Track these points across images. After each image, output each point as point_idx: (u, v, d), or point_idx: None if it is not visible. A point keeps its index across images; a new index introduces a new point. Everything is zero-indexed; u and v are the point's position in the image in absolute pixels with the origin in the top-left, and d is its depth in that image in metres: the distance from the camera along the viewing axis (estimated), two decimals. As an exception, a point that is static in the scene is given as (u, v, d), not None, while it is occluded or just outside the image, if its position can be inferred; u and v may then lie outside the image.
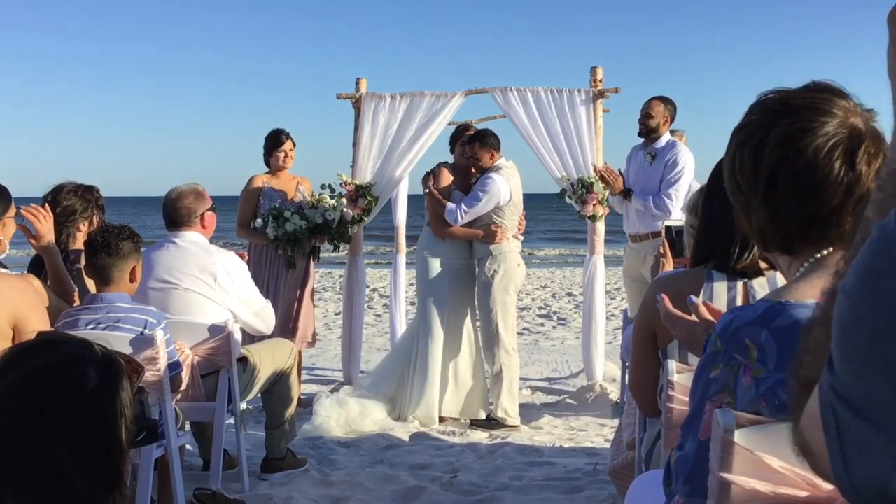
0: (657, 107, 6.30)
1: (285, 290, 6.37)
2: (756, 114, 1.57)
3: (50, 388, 1.51)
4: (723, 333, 1.58)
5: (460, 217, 5.99)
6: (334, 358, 8.04)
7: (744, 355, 1.53)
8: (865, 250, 0.82)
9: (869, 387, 0.81)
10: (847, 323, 0.83)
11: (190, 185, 4.78)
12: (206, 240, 4.67)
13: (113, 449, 1.55)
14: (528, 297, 13.89)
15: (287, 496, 4.51)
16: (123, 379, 1.58)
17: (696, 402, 1.63)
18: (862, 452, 0.84)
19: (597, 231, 6.82)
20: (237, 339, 4.46)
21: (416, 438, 5.77)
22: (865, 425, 0.82)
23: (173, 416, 3.85)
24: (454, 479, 4.86)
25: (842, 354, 0.84)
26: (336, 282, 14.60)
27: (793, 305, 1.50)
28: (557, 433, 5.97)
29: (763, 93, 1.59)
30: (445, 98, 6.83)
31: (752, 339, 1.52)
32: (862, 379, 0.82)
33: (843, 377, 0.84)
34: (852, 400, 0.83)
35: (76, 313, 3.76)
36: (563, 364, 8.35)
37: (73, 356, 1.56)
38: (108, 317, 3.71)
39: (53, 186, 4.40)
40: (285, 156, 6.48)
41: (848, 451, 0.85)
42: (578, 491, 4.64)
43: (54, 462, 1.46)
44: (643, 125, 6.34)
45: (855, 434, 0.84)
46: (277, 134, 6.49)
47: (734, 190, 1.61)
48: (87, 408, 1.52)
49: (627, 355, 4.63)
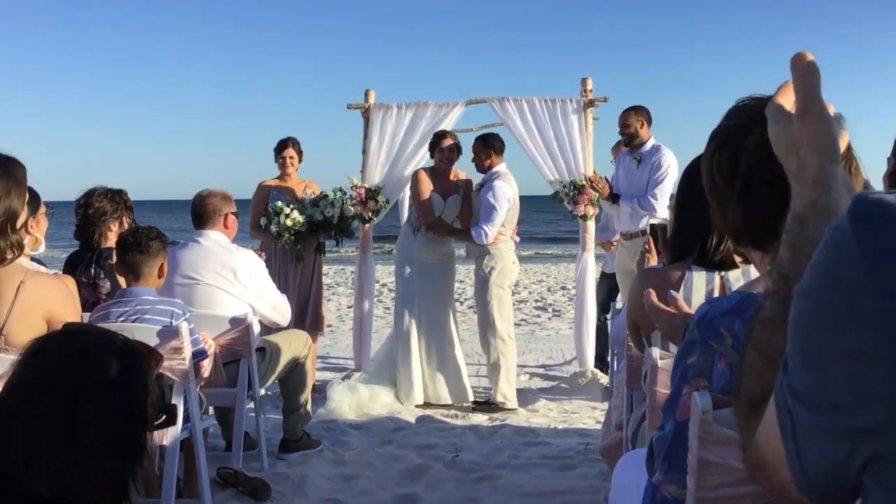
0: (630, 117, 6.38)
1: (295, 285, 6.37)
2: (734, 118, 1.56)
3: (73, 375, 1.51)
4: (700, 323, 1.58)
5: (487, 235, 5.98)
6: (346, 347, 8.04)
7: (719, 343, 1.53)
8: (818, 255, 0.83)
9: (826, 380, 0.81)
10: (805, 322, 0.83)
11: (218, 189, 4.81)
12: (228, 240, 4.68)
13: (139, 429, 1.56)
14: (526, 291, 13.89)
15: (303, 474, 4.52)
16: (144, 366, 1.58)
17: (675, 385, 1.63)
18: (817, 443, 0.84)
19: (588, 230, 6.81)
20: (256, 331, 4.46)
21: (422, 421, 5.77)
22: (820, 418, 0.82)
23: (197, 401, 3.86)
24: (457, 458, 4.86)
25: (799, 353, 0.84)
26: (348, 277, 14.60)
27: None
28: (552, 415, 5.97)
29: (741, 99, 1.58)
30: (447, 108, 6.82)
31: (726, 327, 1.52)
32: (820, 373, 0.82)
33: (798, 375, 0.84)
34: (808, 395, 0.83)
35: (108, 307, 3.78)
36: (557, 352, 8.35)
37: (95, 346, 1.56)
38: (137, 309, 3.72)
39: (86, 190, 4.42)
40: (289, 161, 6.48)
41: (801, 444, 0.86)
42: (571, 468, 4.64)
43: (87, 445, 1.46)
44: (624, 136, 6.44)
45: (808, 427, 0.84)
46: (282, 141, 6.52)
47: (711, 189, 1.60)
48: (112, 394, 1.52)
49: (617, 344, 4.63)
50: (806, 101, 0.98)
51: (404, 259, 6.31)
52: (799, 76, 0.99)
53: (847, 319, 0.78)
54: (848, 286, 0.78)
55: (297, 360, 4.85)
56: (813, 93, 0.98)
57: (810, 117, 0.98)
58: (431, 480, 4.49)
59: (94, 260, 4.23)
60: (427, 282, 6.21)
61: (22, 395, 1.50)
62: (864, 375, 0.77)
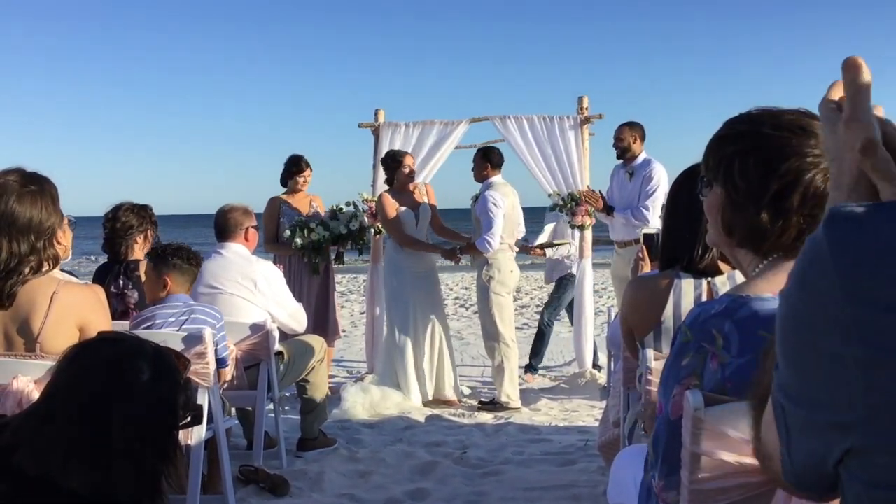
0: (624, 131, 6.39)
1: (311, 294, 6.37)
2: (768, 127, 1.50)
3: (109, 380, 1.52)
4: (692, 325, 1.57)
5: (490, 244, 5.97)
6: (359, 351, 8.04)
7: (711, 344, 1.53)
8: (799, 261, 0.83)
9: (806, 378, 0.82)
10: (786, 324, 0.85)
11: (240, 203, 4.82)
12: (249, 251, 4.69)
13: (170, 429, 1.56)
14: (527, 297, 13.88)
15: (319, 471, 4.51)
16: (174, 370, 1.59)
17: (669, 386, 1.61)
18: (801, 437, 0.85)
19: (585, 238, 6.81)
20: (275, 336, 4.47)
21: (431, 420, 5.76)
22: (803, 413, 0.83)
23: (220, 403, 3.86)
24: (464, 454, 4.85)
25: (783, 353, 0.85)
26: (360, 286, 14.61)
27: (752, 299, 1.49)
28: (553, 414, 5.95)
29: (766, 109, 1.53)
30: (452, 125, 6.84)
31: (717, 329, 1.51)
32: (799, 372, 0.83)
33: (784, 373, 0.85)
34: (792, 392, 0.85)
35: (154, 311, 3.80)
36: (557, 354, 8.33)
37: (128, 352, 1.57)
38: (186, 310, 3.77)
39: (113, 206, 4.43)
40: (304, 181, 6.45)
41: (790, 438, 0.86)
42: (572, 464, 4.63)
43: (122, 445, 1.46)
44: (617, 148, 6.44)
45: (795, 421, 0.85)
46: (299, 160, 6.41)
47: (730, 188, 1.53)
48: (144, 397, 1.53)
49: (613, 346, 4.63)
50: (854, 108, 0.90)
51: (394, 271, 6.25)
52: (849, 82, 0.90)
53: (822, 324, 0.79)
54: (821, 294, 0.79)
55: (313, 363, 4.84)
56: (860, 99, 0.90)
57: (855, 126, 0.89)
58: (440, 475, 4.48)
59: (121, 271, 4.24)
60: (418, 291, 6.19)
61: (61, 399, 1.51)
62: (839, 375, 0.78)
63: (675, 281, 2.55)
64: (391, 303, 6.30)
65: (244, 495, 4.14)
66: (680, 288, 2.53)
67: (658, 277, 2.63)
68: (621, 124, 6.46)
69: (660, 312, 2.58)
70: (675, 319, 2.53)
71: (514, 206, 6.22)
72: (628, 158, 6.40)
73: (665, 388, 1.65)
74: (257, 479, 4.22)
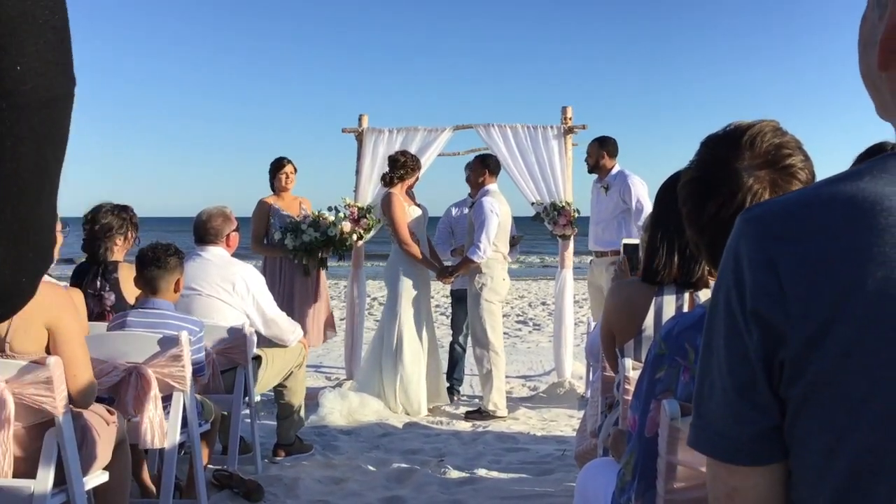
0: (591, 148, 6.56)
1: (303, 295, 6.37)
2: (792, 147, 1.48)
3: None
4: (667, 337, 1.58)
5: (483, 252, 5.96)
6: (338, 357, 8.00)
7: (683, 358, 1.53)
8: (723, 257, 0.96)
9: (716, 358, 0.94)
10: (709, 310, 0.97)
11: (219, 207, 4.75)
12: (229, 254, 4.66)
13: None
14: (508, 306, 13.87)
15: (295, 477, 4.48)
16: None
17: (643, 402, 1.61)
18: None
19: (567, 248, 6.83)
20: (252, 340, 4.43)
21: (408, 427, 5.74)
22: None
23: (195, 407, 3.82)
24: (441, 462, 4.83)
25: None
26: (341, 291, 14.54)
27: None
28: (531, 423, 5.95)
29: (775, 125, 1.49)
30: (436, 132, 6.83)
31: (689, 342, 1.51)
32: (714, 351, 0.95)
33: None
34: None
35: (127, 314, 3.76)
36: (537, 363, 8.34)
37: None
38: (159, 321, 3.71)
39: (93, 206, 4.38)
40: (287, 177, 6.46)
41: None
42: (549, 473, 4.63)
43: None
44: (587, 164, 6.58)
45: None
46: (279, 159, 6.47)
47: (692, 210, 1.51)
48: None
49: (591, 357, 4.63)
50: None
51: (401, 278, 6.14)
52: None
53: (723, 316, 0.91)
54: (727, 289, 0.90)
55: (291, 368, 4.81)
56: None
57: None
58: (417, 483, 4.46)
59: (99, 273, 4.19)
60: (421, 299, 6.19)
61: None
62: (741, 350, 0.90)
63: (657, 291, 2.55)
64: (397, 309, 6.13)
65: (218, 500, 4.10)
66: (661, 299, 2.54)
67: (639, 285, 2.63)
68: (592, 140, 6.59)
69: (641, 321, 2.58)
70: (655, 329, 2.54)
71: (507, 215, 6.22)
72: (602, 174, 6.50)
73: (638, 400, 1.65)
74: (231, 484, 4.18)
